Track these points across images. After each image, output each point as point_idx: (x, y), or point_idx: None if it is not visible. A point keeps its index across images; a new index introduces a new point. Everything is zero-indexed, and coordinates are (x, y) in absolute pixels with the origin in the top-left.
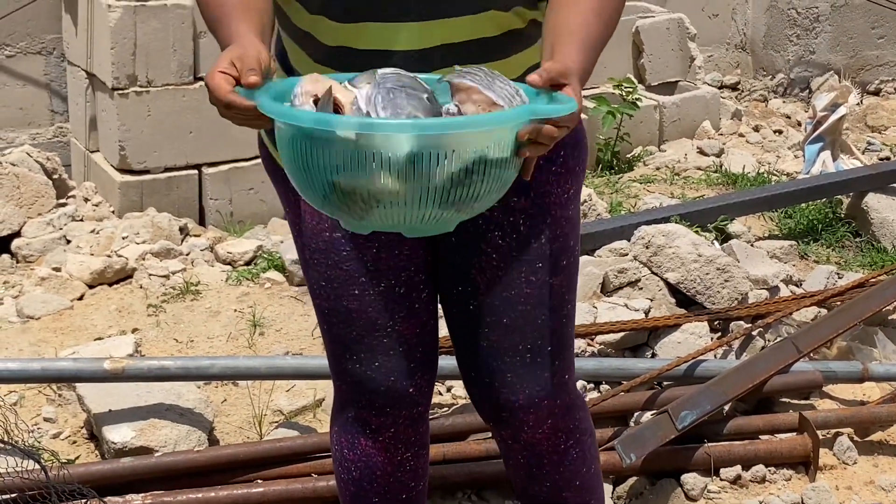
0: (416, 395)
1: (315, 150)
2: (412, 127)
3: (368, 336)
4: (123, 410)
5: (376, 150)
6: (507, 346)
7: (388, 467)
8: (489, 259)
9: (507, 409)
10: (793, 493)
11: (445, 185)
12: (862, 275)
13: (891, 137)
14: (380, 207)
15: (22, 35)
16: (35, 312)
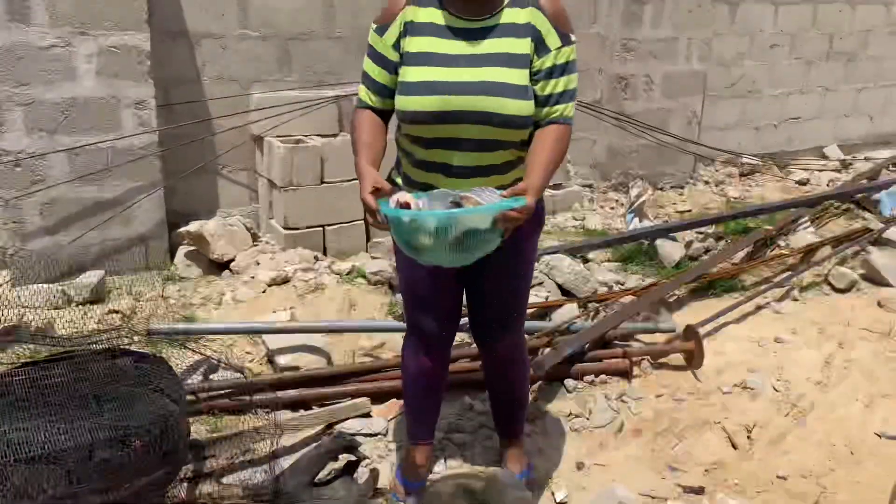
0: (446, 335)
1: (397, 225)
2: (433, 215)
3: (424, 304)
4: (285, 347)
5: (419, 226)
6: (493, 312)
7: (430, 366)
8: (491, 272)
9: (492, 339)
10: (619, 388)
11: (452, 242)
12: (654, 280)
13: (669, 210)
14: (426, 253)
15: (237, 161)
16: (242, 298)
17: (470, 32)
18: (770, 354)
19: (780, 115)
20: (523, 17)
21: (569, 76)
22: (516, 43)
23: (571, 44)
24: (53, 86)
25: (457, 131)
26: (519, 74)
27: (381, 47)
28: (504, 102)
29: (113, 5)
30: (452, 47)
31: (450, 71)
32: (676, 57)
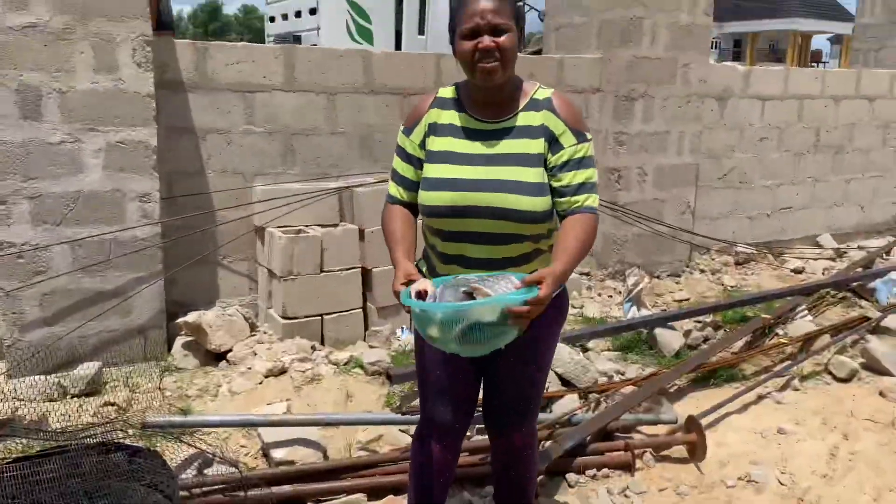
0: (459, 427)
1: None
2: (439, 308)
3: (438, 395)
4: (280, 441)
5: (428, 317)
6: (510, 401)
7: (439, 457)
8: (508, 361)
9: (507, 429)
10: (622, 482)
11: (459, 334)
12: (654, 369)
13: (666, 299)
14: (436, 341)
15: (238, 252)
16: (238, 390)
17: (487, 133)
18: (773, 446)
19: (773, 204)
20: (538, 120)
21: (587, 170)
22: (531, 143)
23: (587, 141)
24: (60, 179)
25: (472, 225)
26: (532, 173)
27: (408, 146)
28: (516, 199)
29: (123, 103)
30: (470, 147)
31: (466, 169)
32: (668, 150)
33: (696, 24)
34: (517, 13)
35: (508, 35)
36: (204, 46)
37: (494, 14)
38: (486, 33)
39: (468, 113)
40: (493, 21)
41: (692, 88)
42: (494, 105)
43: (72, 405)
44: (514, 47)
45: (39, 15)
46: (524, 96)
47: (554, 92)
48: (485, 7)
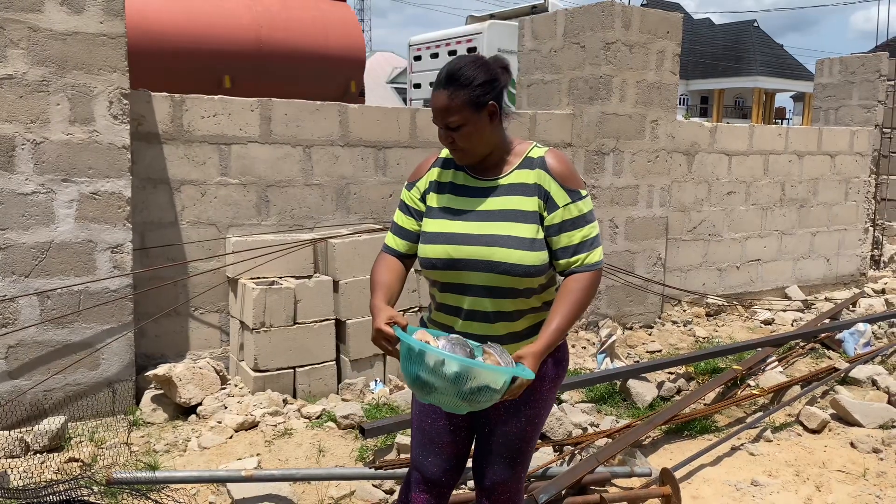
0: (446, 481)
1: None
2: (458, 360)
3: (429, 445)
4: (250, 497)
5: (439, 367)
6: (499, 453)
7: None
8: (499, 413)
9: (488, 484)
10: None
11: (466, 391)
12: (628, 420)
13: (639, 350)
14: (434, 394)
15: (210, 303)
16: (208, 445)
17: (482, 191)
18: (748, 498)
19: (742, 257)
20: (532, 178)
21: (584, 228)
22: (524, 201)
23: (582, 198)
24: (31, 230)
25: (466, 277)
26: (525, 228)
27: (409, 200)
28: (507, 252)
29: (98, 154)
30: (466, 203)
31: (461, 224)
32: (638, 203)
33: (663, 81)
34: (478, 99)
35: (463, 129)
36: (181, 99)
37: (445, 114)
38: (443, 128)
39: (466, 171)
40: (445, 120)
41: (660, 143)
42: (484, 166)
43: (34, 461)
44: (474, 134)
45: (17, 67)
46: (517, 156)
47: (549, 150)
48: (438, 106)
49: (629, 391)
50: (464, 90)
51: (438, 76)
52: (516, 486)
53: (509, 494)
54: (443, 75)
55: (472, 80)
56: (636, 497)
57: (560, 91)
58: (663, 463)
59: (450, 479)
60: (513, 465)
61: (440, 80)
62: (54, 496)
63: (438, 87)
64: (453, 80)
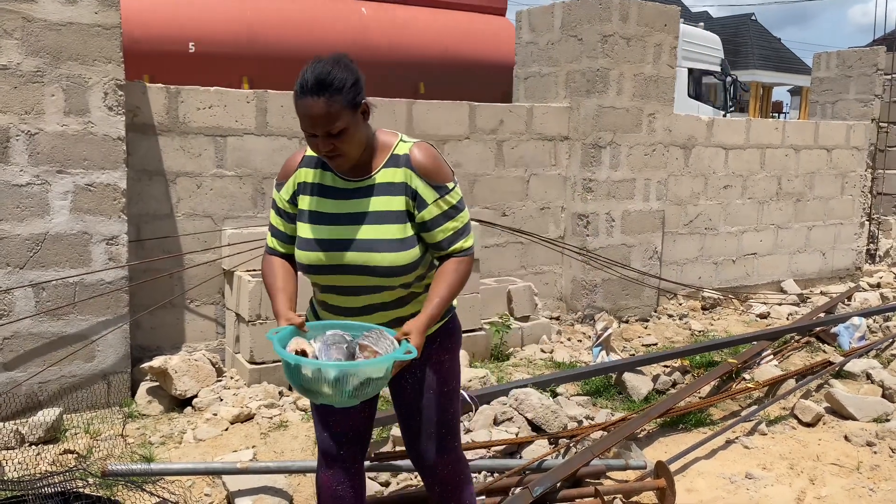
0: (345, 454)
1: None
2: (334, 366)
3: (324, 423)
4: (246, 489)
5: (320, 376)
6: (421, 430)
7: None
8: (405, 390)
9: (424, 462)
10: None
11: (350, 390)
12: (623, 413)
13: (635, 343)
14: (321, 397)
15: (205, 295)
16: (203, 437)
17: (350, 192)
18: (742, 491)
19: (737, 251)
20: (399, 177)
21: (454, 219)
22: (392, 200)
23: (449, 191)
24: (26, 221)
25: (341, 280)
26: (395, 229)
27: (279, 202)
28: (379, 256)
29: (93, 146)
30: (334, 206)
31: (331, 229)
32: (635, 196)
33: (661, 75)
34: (353, 100)
35: (345, 131)
36: (176, 90)
37: (327, 121)
38: (321, 136)
39: (333, 172)
40: (327, 128)
41: (657, 137)
42: (354, 166)
43: (29, 453)
44: (353, 138)
45: (11, 58)
46: (384, 152)
47: (414, 144)
48: (317, 114)
49: (625, 384)
50: (340, 94)
51: (303, 83)
52: (454, 457)
53: (451, 467)
54: (311, 82)
55: (345, 83)
56: (631, 490)
57: (557, 84)
58: (658, 456)
59: (350, 453)
60: (440, 438)
61: (310, 88)
62: (50, 488)
63: (310, 94)
64: (326, 85)
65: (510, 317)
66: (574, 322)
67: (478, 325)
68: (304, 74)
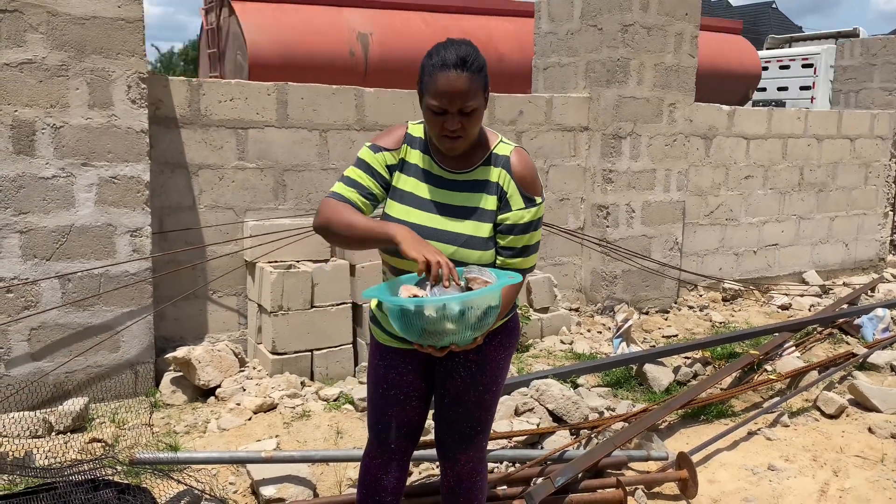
0: (396, 448)
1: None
2: (457, 300)
3: (381, 414)
4: (270, 478)
5: (444, 314)
6: (459, 422)
7: (378, 477)
8: (456, 383)
9: (451, 453)
10: None
11: (475, 321)
12: (644, 405)
13: (655, 335)
14: (446, 337)
15: (227, 287)
16: (227, 426)
17: (447, 183)
18: (765, 482)
19: (758, 241)
20: (494, 176)
21: (530, 234)
22: (486, 199)
23: (535, 206)
24: (52, 214)
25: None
26: (485, 228)
27: (373, 161)
28: (466, 253)
29: (117, 138)
30: (431, 193)
31: (424, 216)
32: (655, 187)
33: (682, 64)
34: (486, 84)
35: (477, 112)
36: (198, 83)
37: (464, 97)
38: (454, 114)
39: (433, 157)
40: (462, 103)
41: (678, 127)
42: (453, 159)
43: (58, 441)
44: (479, 121)
45: (36, 52)
46: (485, 149)
47: (514, 149)
48: (457, 89)
49: (645, 376)
50: (478, 75)
51: (445, 58)
52: (479, 456)
53: (473, 464)
54: (453, 58)
55: (483, 66)
56: (653, 480)
57: (577, 74)
58: (680, 447)
59: (400, 446)
60: (473, 435)
61: (453, 63)
62: (80, 475)
63: (453, 69)
64: (468, 64)
65: (529, 308)
66: (594, 313)
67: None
68: (444, 51)
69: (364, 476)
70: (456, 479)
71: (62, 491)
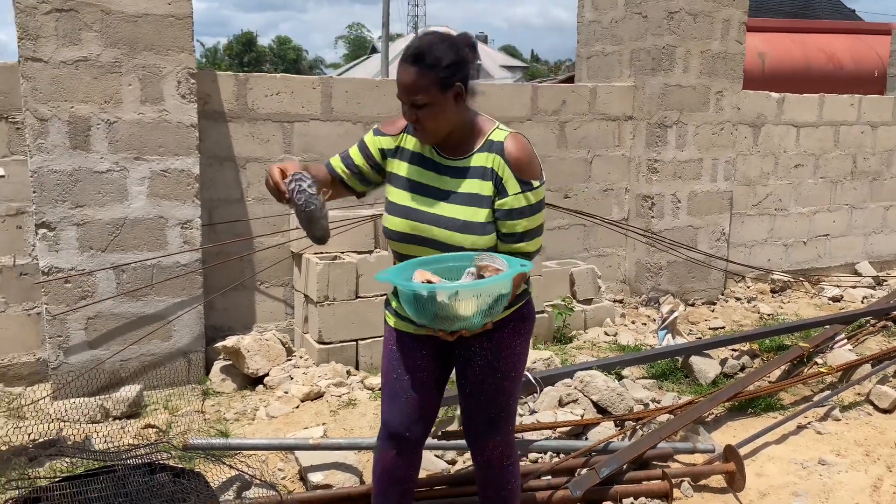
0: (410, 436)
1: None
2: (473, 284)
3: (394, 401)
4: (318, 465)
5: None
6: (481, 410)
7: (390, 464)
8: (474, 371)
9: (478, 441)
10: None
11: (486, 308)
12: (690, 397)
13: (701, 327)
14: (457, 322)
15: (275, 277)
16: (275, 414)
17: (445, 169)
18: (815, 477)
19: (809, 232)
20: (490, 162)
21: (528, 218)
22: (483, 185)
23: (533, 189)
24: (106, 207)
25: (420, 252)
26: (482, 213)
27: (370, 143)
28: (462, 237)
29: (168, 133)
30: (428, 179)
31: (422, 200)
32: (702, 177)
33: (729, 51)
34: (445, 80)
35: (426, 108)
36: (244, 77)
37: (411, 91)
38: (407, 105)
39: (432, 145)
40: (409, 97)
41: (725, 115)
42: (448, 146)
43: (114, 427)
44: (439, 115)
45: (91, 50)
46: (481, 136)
47: (509, 134)
48: (404, 82)
49: (691, 367)
50: (431, 71)
51: (406, 50)
52: (506, 440)
53: (501, 449)
54: (411, 51)
55: (440, 61)
56: (700, 473)
57: (621, 63)
58: (726, 440)
59: (413, 433)
60: (497, 421)
61: (408, 56)
62: (136, 459)
63: (406, 62)
64: (421, 58)
65: (573, 299)
66: (638, 305)
67: (539, 308)
68: (411, 42)
69: (380, 470)
70: (487, 465)
71: (121, 474)
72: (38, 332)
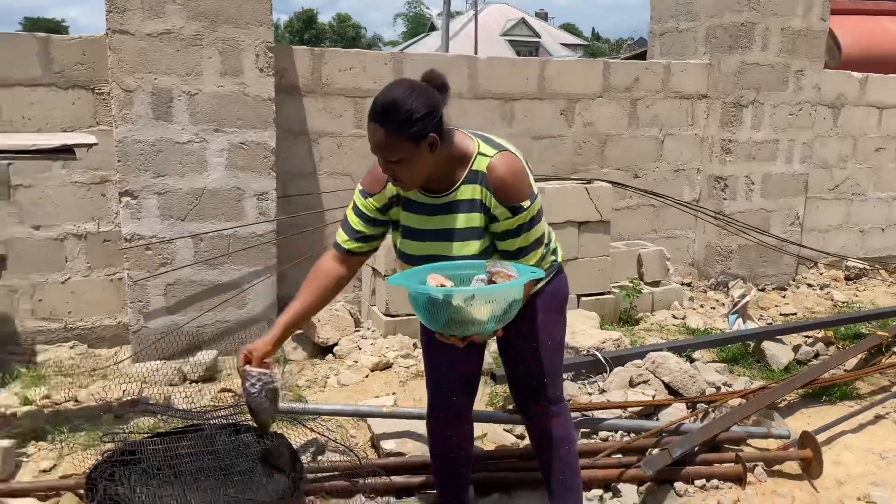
0: (456, 401)
1: (439, 308)
2: (488, 289)
3: (436, 372)
4: (390, 433)
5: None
6: (525, 377)
7: (442, 434)
8: (514, 347)
9: (526, 409)
10: (732, 495)
11: (500, 313)
12: (762, 382)
13: (772, 312)
14: (470, 327)
15: None
16: (346, 382)
17: (434, 208)
18: (894, 468)
19: (887, 218)
20: (477, 194)
21: (523, 236)
22: (473, 217)
23: (523, 211)
24: (186, 177)
25: None
26: (476, 245)
27: (362, 206)
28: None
29: (246, 106)
30: (420, 222)
31: (419, 245)
32: (777, 158)
33: (811, 28)
34: (418, 134)
35: (405, 161)
36: (320, 52)
37: (383, 150)
38: (381, 160)
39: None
40: (382, 154)
41: (804, 96)
42: (434, 181)
43: (192, 389)
44: (415, 166)
45: (174, 22)
46: (463, 165)
47: (492, 159)
48: (376, 143)
49: (763, 353)
50: (402, 128)
51: (374, 107)
52: (552, 406)
53: (549, 414)
54: (378, 108)
55: (411, 115)
56: (774, 458)
57: (696, 40)
58: (800, 427)
59: (460, 399)
60: (539, 386)
61: (376, 113)
62: (219, 419)
63: (375, 121)
64: (391, 116)
65: (640, 281)
66: (706, 289)
67: (607, 289)
68: (377, 97)
69: (434, 440)
70: (539, 431)
71: (208, 433)
72: (119, 297)
